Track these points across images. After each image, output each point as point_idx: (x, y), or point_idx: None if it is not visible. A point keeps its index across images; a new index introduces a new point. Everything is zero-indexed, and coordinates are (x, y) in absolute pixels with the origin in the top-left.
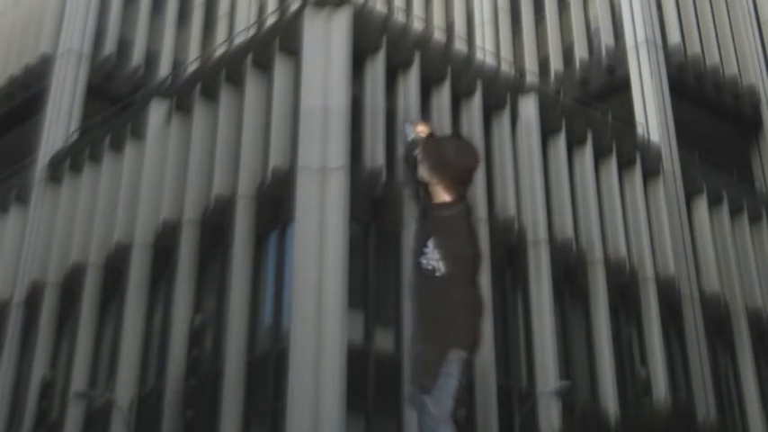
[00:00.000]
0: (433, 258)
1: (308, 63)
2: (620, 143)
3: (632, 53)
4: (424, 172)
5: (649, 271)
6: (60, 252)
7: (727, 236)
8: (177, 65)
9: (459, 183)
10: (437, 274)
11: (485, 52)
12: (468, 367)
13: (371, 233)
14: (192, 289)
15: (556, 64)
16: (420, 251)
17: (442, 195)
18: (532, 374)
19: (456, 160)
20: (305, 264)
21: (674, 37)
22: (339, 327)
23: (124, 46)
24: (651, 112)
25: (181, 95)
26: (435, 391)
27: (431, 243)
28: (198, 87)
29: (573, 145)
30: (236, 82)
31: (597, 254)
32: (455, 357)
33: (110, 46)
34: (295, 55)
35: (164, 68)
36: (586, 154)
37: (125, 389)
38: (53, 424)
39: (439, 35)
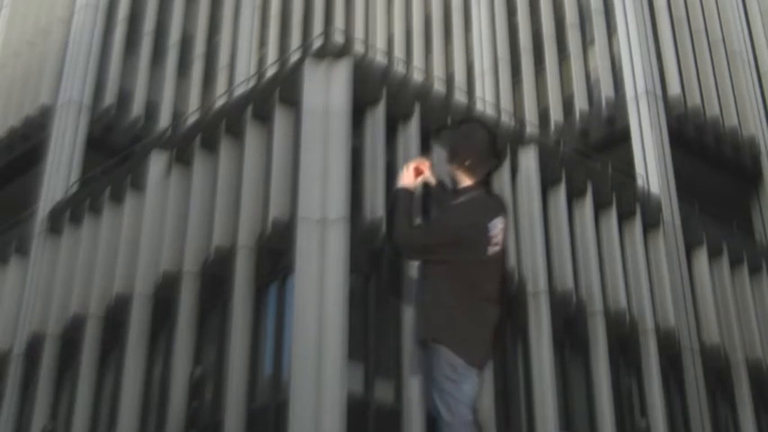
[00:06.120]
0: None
1: (307, 114)
2: (620, 194)
3: (632, 104)
4: (451, 161)
5: (649, 322)
6: (60, 303)
7: (727, 287)
8: (177, 116)
9: (487, 157)
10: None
11: (485, 103)
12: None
13: (371, 284)
14: (191, 340)
15: (556, 115)
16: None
17: (464, 181)
18: (533, 425)
19: (477, 136)
20: (305, 315)
21: (674, 88)
22: (339, 378)
23: (124, 97)
24: (651, 164)
25: (181, 147)
26: (448, 396)
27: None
28: (198, 139)
29: (573, 196)
30: (236, 133)
31: (597, 305)
32: (465, 366)
33: (110, 97)
34: (295, 106)
35: (164, 120)
36: (586, 205)
37: None
38: None
39: (439, 86)
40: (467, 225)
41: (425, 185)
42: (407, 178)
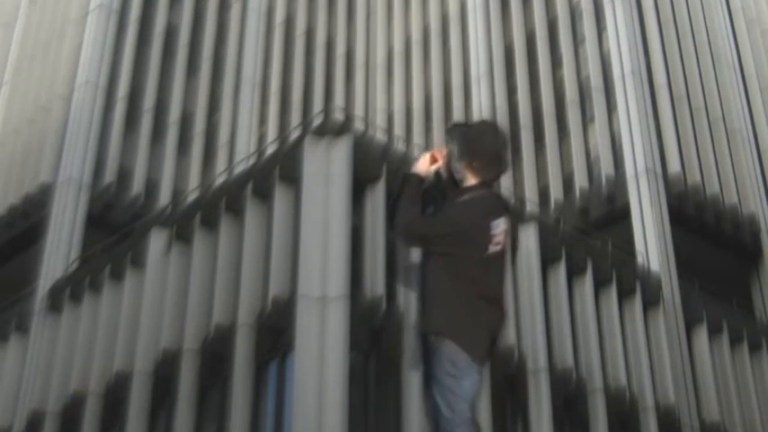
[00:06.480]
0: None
1: (308, 192)
2: (620, 272)
3: (632, 182)
4: (453, 157)
5: (649, 400)
6: (60, 381)
7: (727, 365)
8: (177, 194)
9: (492, 164)
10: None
11: None
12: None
13: (371, 362)
14: (191, 418)
15: (556, 193)
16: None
17: (469, 180)
18: None
19: (485, 141)
20: (305, 393)
21: (674, 166)
22: None
23: (124, 175)
24: (651, 242)
25: (181, 224)
26: (448, 393)
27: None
28: (198, 216)
29: (573, 274)
30: (236, 211)
31: (597, 383)
32: (466, 361)
33: (110, 175)
34: (295, 183)
35: (164, 197)
36: (586, 283)
37: None
38: None
39: None
40: (468, 221)
41: (437, 174)
42: (422, 165)
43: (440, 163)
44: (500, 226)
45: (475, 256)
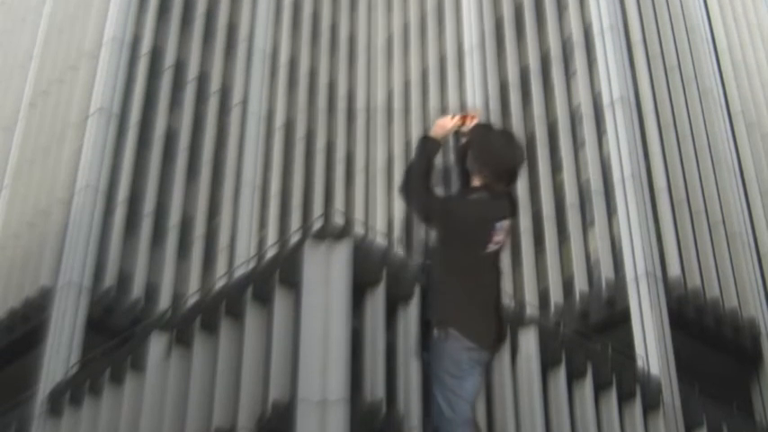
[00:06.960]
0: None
1: (308, 295)
2: (620, 376)
3: (632, 285)
4: (469, 160)
5: None
6: None
7: None
8: (177, 298)
9: (499, 177)
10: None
11: None
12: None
13: None
14: None
15: (556, 296)
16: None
17: (475, 180)
18: None
19: (499, 155)
20: None
21: (674, 269)
22: None
23: (124, 279)
24: (651, 345)
25: (181, 328)
26: (450, 393)
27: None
28: (198, 320)
29: (573, 377)
30: (236, 315)
31: None
32: (469, 362)
33: (110, 279)
34: (295, 287)
35: (164, 301)
36: (586, 386)
37: None
38: None
39: None
40: (471, 221)
41: (457, 135)
42: (442, 125)
43: (464, 128)
44: (503, 227)
45: (474, 253)
